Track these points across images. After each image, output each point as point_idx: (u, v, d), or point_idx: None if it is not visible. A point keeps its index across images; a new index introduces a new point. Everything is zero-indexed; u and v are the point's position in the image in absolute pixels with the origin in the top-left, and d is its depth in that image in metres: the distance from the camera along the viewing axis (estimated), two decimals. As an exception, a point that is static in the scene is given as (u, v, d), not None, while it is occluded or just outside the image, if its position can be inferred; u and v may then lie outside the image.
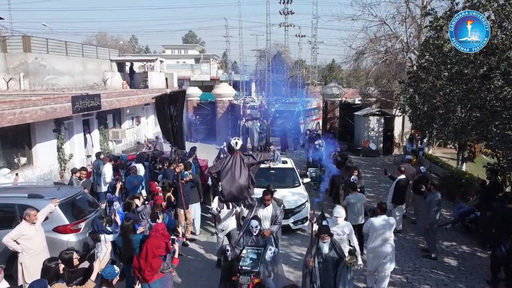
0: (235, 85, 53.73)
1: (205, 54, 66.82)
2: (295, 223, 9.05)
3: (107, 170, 9.99)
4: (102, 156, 11.18)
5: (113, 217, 6.25)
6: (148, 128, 21.32)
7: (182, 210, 8.36)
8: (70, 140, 14.23)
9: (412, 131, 17.76)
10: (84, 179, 9.70)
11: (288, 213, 8.74)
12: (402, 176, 9.16)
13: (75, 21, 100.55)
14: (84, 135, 15.20)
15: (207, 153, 19.00)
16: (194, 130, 22.31)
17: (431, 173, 13.08)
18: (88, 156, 15.71)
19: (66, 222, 6.81)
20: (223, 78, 55.40)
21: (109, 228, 6.10)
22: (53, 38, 19.84)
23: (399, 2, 18.93)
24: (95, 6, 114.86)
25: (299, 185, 10.08)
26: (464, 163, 13.21)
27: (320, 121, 25.62)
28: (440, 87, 12.53)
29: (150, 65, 23.08)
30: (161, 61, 23.36)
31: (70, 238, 6.78)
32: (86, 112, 13.85)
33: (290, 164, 11.16)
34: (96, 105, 13.98)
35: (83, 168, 10.14)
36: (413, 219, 10.07)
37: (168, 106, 7.82)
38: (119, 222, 6.12)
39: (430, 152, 16.55)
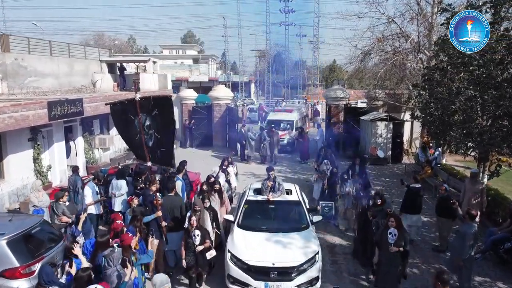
0: (234, 86, 52.62)
1: (204, 54, 65.51)
2: (301, 286, 6.54)
3: (88, 191, 8.52)
4: (79, 170, 9.87)
5: (67, 267, 4.83)
6: (140, 133, 19.96)
7: (156, 241, 7.01)
8: (49, 150, 12.91)
9: (425, 138, 16.47)
10: (67, 203, 7.89)
11: (290, 272, 6.46)
12: (417, 185, 8.74)
13: (70, 20, 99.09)
14: (67, 143, 13.87)
15: (203, 160, 17.69)
16: (189, 135, 20.96)
17: (449, 186, 11.70)
18: (71, 166, 14.38)
19: (16, 264, 5.47)
20: (222, 79, 54.17)
21: (63, 280, 4.75)
22: (44, 38, 18.58)
23: (409, -1, 17.62)
24: (91, 4, 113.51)
25: (307, 226, 7.46)
26: (486, 176, 11.87)
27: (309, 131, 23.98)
28: (457, 90, 11.26)
29: (143, 66, 21.76)
30: (154, 62, 22.02)
31: (21, 285, 5.45)
32: (66, 119, 12.50)
33: (295, 194, 8.50)
34: (78, 111, 12.64)
35: (63, 190, 8.31)
36: (435, 244, 8.74)
37: (136, 115, 6.50)
38: (74, 272, 4.73)
39: (443, 160, 15.19)
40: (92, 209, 8.31)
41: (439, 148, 13.45)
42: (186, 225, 6.76)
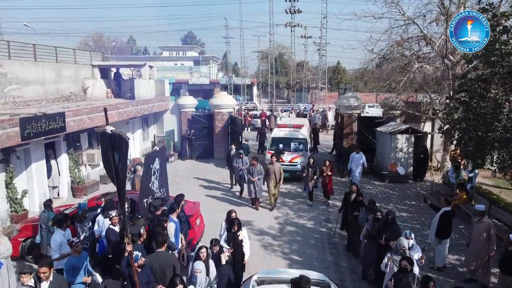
0: (236, 88, 50.95)
1: (205, 56, 63.96)
2: None
3: (54, 242, 6.64)
4: (52, 204, 8.17)
5: None
6: (135, 145, 18.28)
7: None
8: (26, 171, 11.24)
9: (451, 152, 14.78)
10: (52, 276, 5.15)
11: None
12: (448, 208, 8.20)
13: (68, 21, 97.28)
14: (48, 162, 12.19)
15: (203, 178, 15.98)
16: (188, 147, 19.26)
17: (490, 216, 9.95)
18: (54, 187, 12.72)
19: None
20: (223, 81, 52.56)
21: None
22: (37, 40, 16.95)
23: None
24: (89, 4, 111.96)
25: None
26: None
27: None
28: (497, 104, 9.60)
29: (138, 71, 20.06)
30: (151, 66, 20.32)
31: None
32: (45, 137, 10.79)
33: None
34: (59, 126, 10.96)
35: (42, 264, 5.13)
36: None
37: (112, 151, 5.00)
38: None
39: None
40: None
41: (476, 170, 11.69)
42: None
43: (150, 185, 7.52)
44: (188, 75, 53.54)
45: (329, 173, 12.24)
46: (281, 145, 15.25)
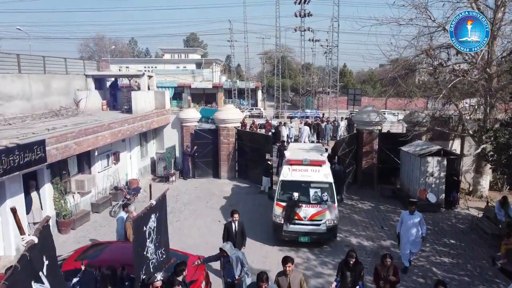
0: (240, 92, 49.22)
1: (207, 59, 62.21)
2: None
3: None
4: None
5: None
6: (132, 164, 16.54)
7: None
8: (-1, 209, 9.53)
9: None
10: None
11: None
12: None
13: (67, 24, 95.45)
14: (27, 194, 10.47)
15: (207, 203, 14.20)
16: (190, 164, 17.52)
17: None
18: (35, 224, 10.98)
19: None
20: (226, 85, 50.90)
21: None
22: (30, 43, 15.28)
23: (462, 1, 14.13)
24: (91, 7, 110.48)
25: None
26: None
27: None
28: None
29: (136, 82, 18.34)
30: (150, 76, 18.57)
31: None
32: (19, 172, 9.04)
33: None
34: (37, 157, 9.23)
35: None
36: None
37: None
38: None
39: None
40: None
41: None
42: None
43: (144, 253, 5.79)
44: (190, 78, 51.88)
45: (392, 280, 6.76)
46: (295, 194, 10.26)
